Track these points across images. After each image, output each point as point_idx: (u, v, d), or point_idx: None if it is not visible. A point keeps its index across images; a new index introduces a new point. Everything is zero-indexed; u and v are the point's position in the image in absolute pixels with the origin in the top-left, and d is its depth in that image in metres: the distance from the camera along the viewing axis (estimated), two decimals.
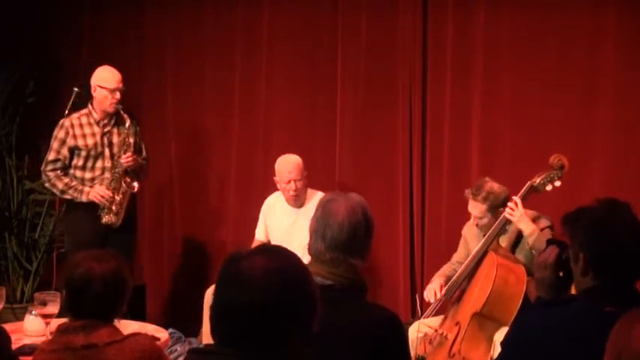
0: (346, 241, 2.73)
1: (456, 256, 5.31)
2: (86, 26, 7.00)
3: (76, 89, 5.92)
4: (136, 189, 5.71)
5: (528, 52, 5.87)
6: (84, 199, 5.64)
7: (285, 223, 5.77)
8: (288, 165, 5.70)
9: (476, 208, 4.96)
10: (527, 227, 4.79)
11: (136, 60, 6.85)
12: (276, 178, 5.75)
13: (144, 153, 5.89)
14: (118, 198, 5.64)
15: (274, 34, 6.52)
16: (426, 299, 5.11)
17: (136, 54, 6.89)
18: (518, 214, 4.79)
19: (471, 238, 5.16)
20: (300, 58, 6.47)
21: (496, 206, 4.92)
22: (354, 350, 2.59)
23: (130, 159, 5.64)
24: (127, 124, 5.65)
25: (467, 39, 6.01)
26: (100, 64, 5.79)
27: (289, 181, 5.66)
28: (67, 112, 5.81)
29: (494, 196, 4.92)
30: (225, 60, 6.68)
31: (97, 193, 5.61)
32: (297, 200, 5.73)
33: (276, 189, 5.86)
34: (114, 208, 5.64)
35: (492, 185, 4.96)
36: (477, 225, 5.01)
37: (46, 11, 6.94)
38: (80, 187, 5.65)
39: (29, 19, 6.92)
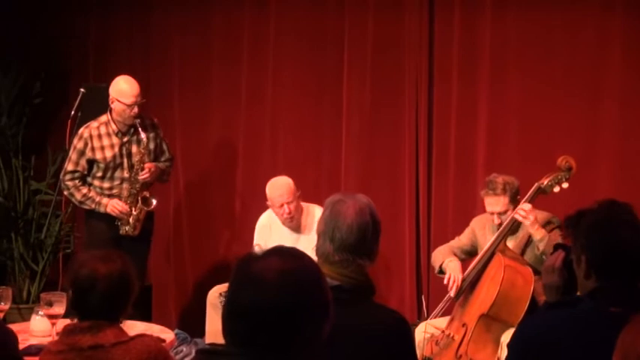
0: (355, 242, 2.73)
1: (459, 241, 5.23)
2: (92, 26, 7.00)
3: (82, 90, 5.92)
4: (153, 206, 5.66)
5: (535, 51, 5.87)
6: (102, 210, 5.59)
7: (287, 241, 5.46)
8: (278, 189, 5.54)
9: (498, 204, 4.92)
10: (538, 232, 4.77)
11: (143, 59, 6.85)
12: (269, 203, 5.61)
13: (167, 154, 5.82)
14: (134, 212, 5.62)
15: (281, 33, 6.52)
16: (452, 282, 5.02)
17: (143, 53, 6.88)
18: (531, 219, 4.77)
19: (483, 233, 5.13)
20: (307, 58, 6.48)
21: (515, 195, 4.91)
22: (361, 351, 2.59)
23: (147, 175, 5.58)
24: (143, 141, 5.55)
25: (473, 38, 6.01)
26: (107, 65, 5.79)
27: (282, 205, 5.50)
28: (73, 112, 5.81)
29: (510, 185, 4.91)
30: (232, 60, 6.68)
31: (114, 206, 5.56)
32: (293, 221, 5.58)
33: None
34: (131, 221, 5.61)
35: (503, 177, 4.95)
36: (499, 224, 4.96)
37: (52, 12, 6.94)
38: (98, 199, 5.59)
39: (35, 20, 6.92)
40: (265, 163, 6.57)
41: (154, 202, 5.66)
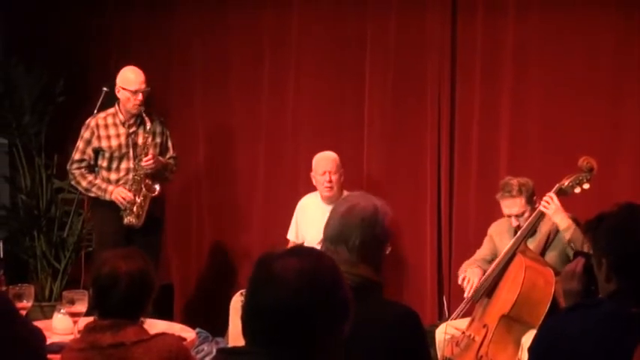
0: (362, 242, 2.73)
1: (480, 253, 5.25)
2: (115, 27, 7.03)
3: (105, 89, 5.94)
4: (157, 192, 5.72)
5: (557, 52, 5.85)
6: (107, 197, 5.68)
7: (319, 221, 5.64)
8: (325, 159, 5.75)
9: (515, 205, 4.93)
10: (563, 221, 4.76)
11: (164, 60, 6.86)
12: (313, 174, 5.77)
13: (171, 152, 5.89)
14: (139, 200, 5.67)
15: (302, 33, 6.51)
16: (466, 282, 5.01)
17: (164, 54, 6.90)
18: (553, 207, 4.76)
19: (501, 238, 5.12)
20: (329, 58, 6.47)
21: (531, 196, 4.93)
22: (372, 348, 2.58)
23: (151, 162, 5.65)
24: (148, 127, 5.67)
25: (496, 39, 5.99)
26: (128, 64, 5.81)
27: (324, 173, 5.68)
28: (95, 111, 5.84)
29: (525, 187, 4.93)
30: (253, 60, 6.68)
31: (119, 194, 5.65)
32: (332, 195, 5.67)
33: (309, 190, 5.86)
34: (135, 210, 5.67)
35: (518, 179, 4.98)
36: (518, 226, 4.96)
37: (74, 11, 6.97)
38: (104, 186, 5.70)
39: (58, 19, 6.95)
40: (287, 163, 6.56)
41: (157, 188, 5.72)
